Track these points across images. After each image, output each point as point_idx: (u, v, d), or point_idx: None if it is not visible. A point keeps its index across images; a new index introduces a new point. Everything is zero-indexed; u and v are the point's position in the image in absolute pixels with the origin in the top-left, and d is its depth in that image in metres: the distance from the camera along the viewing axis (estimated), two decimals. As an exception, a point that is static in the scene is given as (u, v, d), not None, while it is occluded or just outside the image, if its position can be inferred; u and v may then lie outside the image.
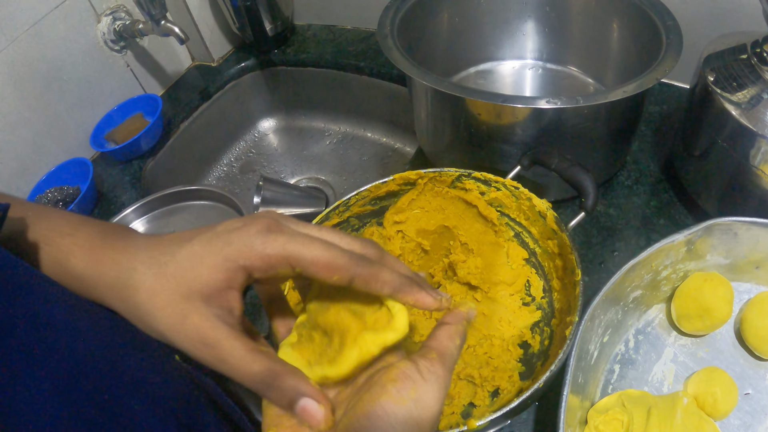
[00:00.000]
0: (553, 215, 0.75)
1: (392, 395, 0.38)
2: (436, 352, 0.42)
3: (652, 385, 0.74)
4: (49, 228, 0.48)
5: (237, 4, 1.32)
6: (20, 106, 1.12)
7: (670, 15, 0.87)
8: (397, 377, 0.39)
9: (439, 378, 0.40)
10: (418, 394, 0.39)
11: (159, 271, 0.42)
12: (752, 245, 0.75)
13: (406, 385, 0.39)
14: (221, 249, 0.41)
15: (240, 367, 0.40)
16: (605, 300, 0.70)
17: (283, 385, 0.40)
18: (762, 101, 0.73)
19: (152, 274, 0.42)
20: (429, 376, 0.40)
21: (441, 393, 0.40)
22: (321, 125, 1.58)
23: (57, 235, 0.48)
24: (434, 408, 0.39)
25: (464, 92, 0.82)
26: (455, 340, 0.44)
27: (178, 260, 0.42)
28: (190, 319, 0.40)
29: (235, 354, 0.40)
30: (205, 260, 0.41)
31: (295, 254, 0.40)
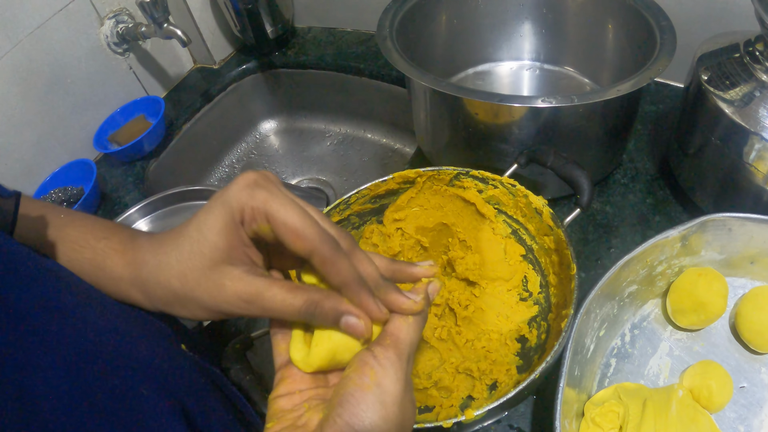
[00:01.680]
0: (549, 212, 0.76)
1: (356, 382, 0.41)
2: (390, 337, 0.44)
3: (648, 378, 0.74)
4: (85, 231, 0.52)
5: (238, 7, 1.34)
6: (24, 108, 1.13)
7: (664, 15, 0.88)
8: (358, 366, 0.42)
9: (393, 363, 0.42)
10: (378, 379, 0.41)
11: (180, 255, 0.46)
12: (746, 240, 0.75)
13: (366, 371, 0.41)
14: (220, 211, 0.44)
15: (285, 308, 0.44)
16: (601, 295, 0.71)
17: (324, 310, 0.43)
18: (754, 99, 0.74)
19: (176, 260, 0.46)
20: (384, 362, 0.42)
21: (398, 375, 0.42)
22: (321, 126, 1.59)
23: (93, 239, 0.51)
24: (395, 389, 0.42)
25: (462, 92, 0.83)
26: (407, 319, 0.45)
27: (191, 235, 0.45)
28: (226, 286, 0.44)
29: (276, 299, 0.44)
30: (212, 227, 0.44)
31: (272, 211, 0.42)
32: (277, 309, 0.44)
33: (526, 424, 0.74)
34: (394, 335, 0.44)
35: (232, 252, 0.45)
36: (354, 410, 0.40)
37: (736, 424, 0.70)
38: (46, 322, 0.40)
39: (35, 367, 0.37)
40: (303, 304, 0.44)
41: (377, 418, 0.40)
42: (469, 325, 0.80)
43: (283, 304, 0.44)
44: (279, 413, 0.45)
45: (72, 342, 0.40)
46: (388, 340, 0.44)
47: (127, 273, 0.50)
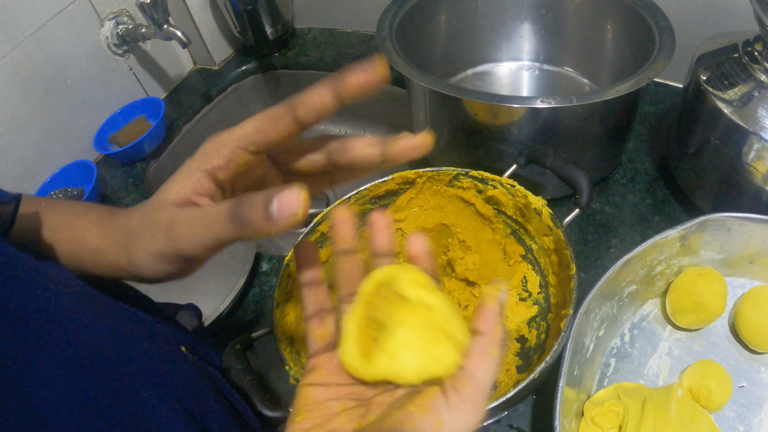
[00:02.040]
0: (548, 212, 0.76)
1: (416, 426, 0.36)
2: (468, 378, 0.38)
3: (648, 378, 0.75)
4: (65, 212, 0.52)
5: (238, 9, 1.34)
6: (24, 109, 1.13)
7: (663, 16, 0.89)
8: (426, 408, 0.37)
9: (466, 415, 0.37)
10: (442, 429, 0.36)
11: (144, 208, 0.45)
12: (745, 240, 0.76)
13: (432, 419, 0.36)
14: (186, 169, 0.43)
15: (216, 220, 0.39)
16: (600, 294, 0.71)
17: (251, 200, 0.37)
18: (753, 99, 0.74)
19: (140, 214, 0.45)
20: (456, 414, 0.36)
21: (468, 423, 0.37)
22: (321, 127, 1.58)
23: (72, 217, 0.51)
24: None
25: (462, 93, 0.84)
26: (491, 353, 0.38)
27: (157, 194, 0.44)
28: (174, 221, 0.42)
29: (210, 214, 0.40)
30: (175, 181, 0.43)
31: (241, 136, 0.42)
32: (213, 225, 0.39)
33: (525, 423, 0.74)
34: (474, 376, 0.38)
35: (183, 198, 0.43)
36: None
37: (736, 424, 0.70)
38: (47, 327, 0.40)
39: (37, 372, 0.37)
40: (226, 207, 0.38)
41: None
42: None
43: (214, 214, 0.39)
44: (309, 405, 0.41)
45: (73, 346, 0.40)
46: (467, 385, 0.37)
47: (105, 242, 0.48)
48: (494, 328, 0.39)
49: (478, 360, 0.38)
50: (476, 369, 0.38)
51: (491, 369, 0.38)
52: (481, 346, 0.38)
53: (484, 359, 0.38)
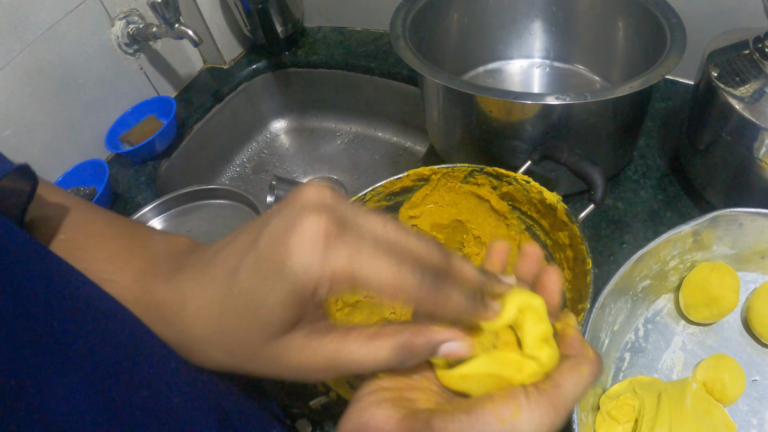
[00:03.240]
0: (563, 207, 0.76)
1: (497, 408, 0.36)
2: (551, 382, 0.38)
3: (662, 372, 0.75)
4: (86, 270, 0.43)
5: (249, 8, 1.34)
6: (36, 108, 1.14)
7: (674, 13, 0.89)
8: (507, 394, 0.37)
9: (543, 413, 0.36)
10: (519, 421, 0.36)
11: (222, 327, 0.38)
12: (757, 235, 0.76)
13: (512, 404, 0.36)
14: (283, 288, 0.34)
15: (371, 364, 0.37)
16: (615, 290, 0.71)
17: (419, 349, 0.37)
18: (764, 95, 0.74)
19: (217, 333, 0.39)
20: (534, 407, 0.36)
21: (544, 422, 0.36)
22: (332, 125, 1.60)
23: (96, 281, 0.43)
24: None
25: (476, 90, 0.84)
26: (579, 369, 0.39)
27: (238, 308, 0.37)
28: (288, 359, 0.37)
29: (358, 357, 0.37)
30: (266, 301, 0.35)
31: (361, 276, 0.34)
32: (362, 368, 0.37)
33: (541, 417, 0.74)
34: (557, 382, 0.38)
35: (294, 324, 0.37)
36: (478, 428, 0.35)
37: (749, 417, 0.70)
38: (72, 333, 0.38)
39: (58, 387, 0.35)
40: (392, 352, 0.36)
41: None
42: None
43: (367, 360, 0.36)
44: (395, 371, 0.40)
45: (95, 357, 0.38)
46: (549, 385, 0.38)
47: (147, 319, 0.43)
48: (582, 350, 0.40)
49: (564, 372, 0.39)
50: (561, 379, 0.38)
51: (577, 383, 0.38)
52: (570, 363, 0.39)
53: (571, 372, 0.39)
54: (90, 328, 0.39)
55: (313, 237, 0.33)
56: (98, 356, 0.39)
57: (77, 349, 0.38)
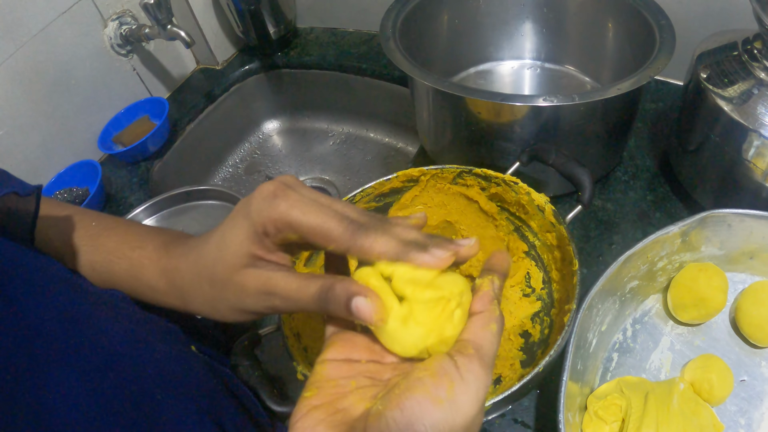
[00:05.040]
0: (551, 209, 0.77)
1: (429, 391, 0.35)
2: (472, 345, 0.38)
3: (650, 372, 0.75)
4: (119, 241, 0.53)
5: (241, 9, 1.34)
6: (29, 109, 1.14)
7: (663, 14, 0.89)
8: (435, 371, 0.36)
9: (478, 378, 0.36)
10: (456, 395, 0.35)
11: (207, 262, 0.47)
12: (746, 236, 0.76)
13: (443, 382, 0.35)
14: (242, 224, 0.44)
15: (301, 296, 0.42)
16: (603, 290, 0.72)
17: (336, 293, 0.40)
18: (753, 97, 0.75)
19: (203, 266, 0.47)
20: (467, 375, 0.36)
21: (479, 394, 0.36)
22: (324, 126, 1.60)
23: (128, 249, 0.53)
24: (470, 411, 0.35)
25: (465, 92, 0.84)
26: (490, 327, 0.39)
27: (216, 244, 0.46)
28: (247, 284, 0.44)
29: (292, 287, 0.43)
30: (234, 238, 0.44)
31: (295, 220, 0.42)
32: (293, 297, 0.42)
33: (530, 418, 0.75)
34: (477, 344, 0.38)
35: (254, 259, 0.44)
36: (414, 421, 0.34)
37: (737, 417, 0.71)
38: (63, 333, 0.40)
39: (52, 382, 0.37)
40: (317, 290, 0.41)
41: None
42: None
43: (298, 293, 0.42)
44: (322, 382, 0.40)
45: (88, 352, 0.41)
46: (472, 349, 0.37)
47: (163, 282, 0.51)
48: (490, 307, 0.40)
49: (477, 331, 0.39)
50: (477, 338, 0.38)
51: (492, 340, 0.39)
52: (478, 320, 0.40)
53: (484, 330, 0.39)
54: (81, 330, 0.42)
55: (265, 193, 0.43)
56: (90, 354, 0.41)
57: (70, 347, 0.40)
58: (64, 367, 0.39)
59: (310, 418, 0.38)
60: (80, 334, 0.41)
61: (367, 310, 0.38)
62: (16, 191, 0.47)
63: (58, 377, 0.38)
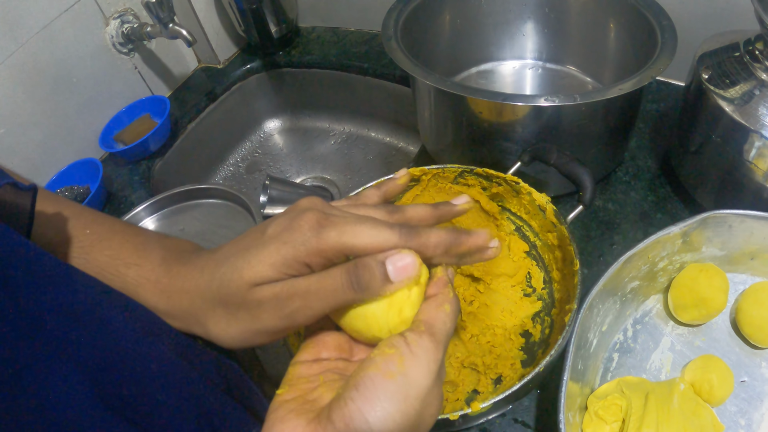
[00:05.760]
0: (552, 209, 0.77)
1: (380, 367, 0.37)
2: (424, 324, 0.40)
3: (650, 372, 0.75)
4: (113, 256, 0.52)
5: (243, 7, 1.35)
6: (30, 107, 1.14)
7: (665, 15, 0.89)
8: (385, 350, 0.38)
9: (428, 351, 0.39)
10: (406, 368, 0.37)
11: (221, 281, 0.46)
12: (747, 237, 0.76)
13: (394, 358, 0.38)
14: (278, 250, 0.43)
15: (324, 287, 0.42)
16: (603, 290, 0.72)
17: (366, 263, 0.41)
18: (754, 98, 0.75)
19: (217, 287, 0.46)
20: (417, 350, 0.38)
21: (431, 366, 0.38)
22: (326, 125, 1.60)
23: (122, 265, 0.52)
24: (423, 383, 0.38)
25: (466, 91, 0.84)
26: (443, 307, 0.42)
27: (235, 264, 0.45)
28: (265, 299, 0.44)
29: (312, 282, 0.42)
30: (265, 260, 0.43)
31: (349, 245, 0.42)
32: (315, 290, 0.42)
33: (530, 417, 0.75)
34: (429, 323, 0.40)
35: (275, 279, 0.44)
36: (370, 396, 0.36)
37: (737, 418, 0.70)
38: (65, 329, 0.40)
39: (54, 377, 0.37)
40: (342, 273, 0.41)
41: (394, 411, 0.36)
42: (473, 320, 0.81)
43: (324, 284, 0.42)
44: (293, 380, 0.42)
45: (90, 348, 0.41)
46: (423, 326, 0.40)
47: (163, 303, 0.50)
48: (443, 290, 0.43)
49: (430, 311, 0.42)
50: (429, 318, 0.41)
51: (444, 319, 0.41)
52: (432, 302, 0.42)
53: (437, 310, 0.42)
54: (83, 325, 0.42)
55: (311, 223, 0.43)
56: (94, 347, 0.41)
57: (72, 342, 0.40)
58: (65, 362, 0.38)
59: (282, 409, 0.40)
60: (82, 329, 0.41)
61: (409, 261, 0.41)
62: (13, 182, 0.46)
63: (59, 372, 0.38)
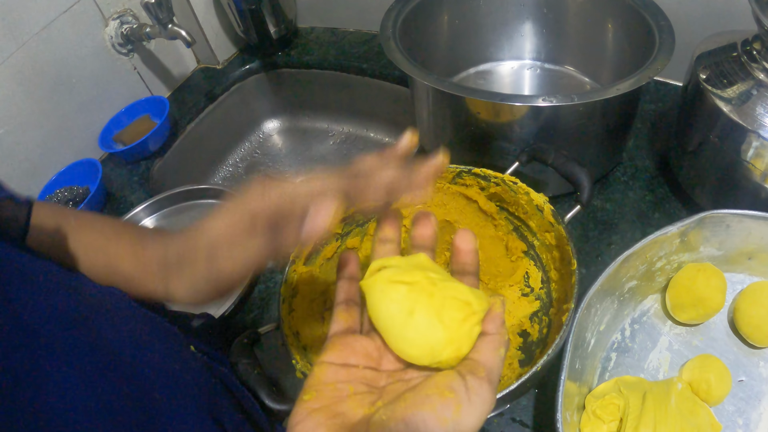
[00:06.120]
0: (550, 208, 0.77)
1: (435, 410, 0.35)
2: (484, 368, 0.38)
3: (648, 372, 0.76)
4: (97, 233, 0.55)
5: (242, 8, 1.35)
6: (30, 108, 1.14)
7: (663, 15, 0.89)
8: (445, 392, 0.36)
9: (485, 402, 0.37)
10: (461, 417, 0.36)
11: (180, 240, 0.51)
12: (744, 237, 0.76)
13: (451, 403, 0.36)
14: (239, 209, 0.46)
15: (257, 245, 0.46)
16: (601, 290, 0.72)
17: None
18: (752, 98, 0.75)
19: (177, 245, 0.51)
20: (475, 399, 0.37)
21: (483, 417, 0.37)
22: (324, 126, 1.60)
23: (104, 240, 0.55)
24: (472, 429, 0.36)
25: (464, 92, 0.85)
26: (499, 352, 0.40)
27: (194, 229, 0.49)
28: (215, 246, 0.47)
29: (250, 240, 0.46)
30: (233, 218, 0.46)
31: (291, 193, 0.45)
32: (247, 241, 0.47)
33: (528, 416, 0.75)
34: (489, 368, 0.39)
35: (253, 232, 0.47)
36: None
37: (735, 417, 0.71)
38: (61, 335, 0.41)
39: (52, 382, 0.38)
40: None
41: None
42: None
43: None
44: (319, 384, 0.41)
45: (86, 353, 0.41)
46: (483, 372, 0.38)
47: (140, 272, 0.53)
48: (500, 329, 0.41)
49: (487, 353, 0.40)
50: (488, 361, 0.39)
51: (500, 365, 0.40)
52: (490, 342, 0.40)
53: (494, 353, 0.40)
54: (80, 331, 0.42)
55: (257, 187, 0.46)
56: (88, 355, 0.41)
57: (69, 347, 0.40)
58: (63, 367, 0.39)
59: (310, 420, 0.38)
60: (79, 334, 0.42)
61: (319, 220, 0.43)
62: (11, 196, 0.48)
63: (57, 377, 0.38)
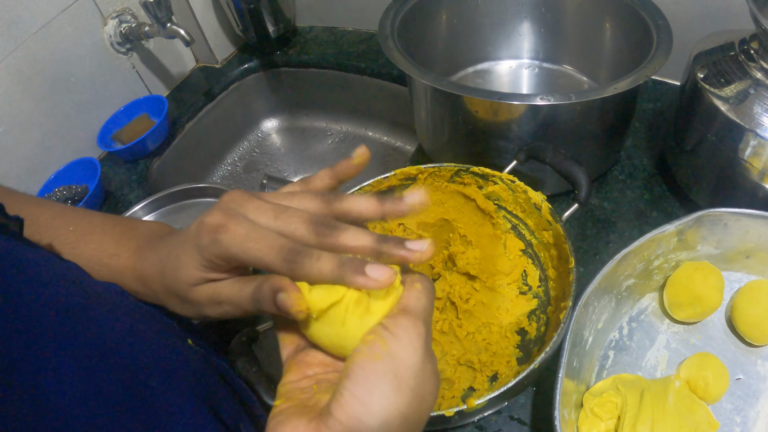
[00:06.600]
0: (547, 207, 0.77)
1: (365, 353, 0.39)
2: (398, 307, 0.41)
3: (646, 370, 0.76)
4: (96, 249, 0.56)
5: (240, 7, 1.35)
6: (28, 107, 1.14)
7: (660, 14, 0.90)
8: (367, 338, 0.40)
9: (407, 329, 0.40)
10: (390, 348, 0.39)
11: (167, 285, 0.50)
12: (742, 235, 0.77)
13: (376, 341, 0.39)
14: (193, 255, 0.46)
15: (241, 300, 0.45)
16: (599, 288, 0.72)
17: (263, 291, 0.42)
18: (749, 97, 0.75)
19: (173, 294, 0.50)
20: (396, 330, 0.39)
21: (414, 343, 0.39)
22: (323, 125, 1.60)
23: (105, 257, 0.55)
24: (411, 359, 0.39)
25: (462, 90, 0.85)
26: (414, 286, 0.43)
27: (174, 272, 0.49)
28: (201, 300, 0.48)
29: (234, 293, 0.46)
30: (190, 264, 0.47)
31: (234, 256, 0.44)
32: (236, 301, 0.46)
33: (526, 414, 0.75)
34: (403, 304, 0.42)
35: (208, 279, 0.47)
36: (362, 381, 0.38)
37: (733, 415, 0.71)
38: (58, 324, 0.41)
39: (48, 368, 0.38)
40: (251, 290, 0.44)
41: (388, 390, 0.37)
42: (470, 318, 0.81)
43: (239, 296, 0.45)
44: (287, 394, 0.43)
45: (83, 341, 0.42)
46: (397, 310, 0.41)
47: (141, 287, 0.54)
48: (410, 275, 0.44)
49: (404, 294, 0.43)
50: (404, 300, 0.42)
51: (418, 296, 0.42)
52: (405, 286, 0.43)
53: (409, 291, 0.42)
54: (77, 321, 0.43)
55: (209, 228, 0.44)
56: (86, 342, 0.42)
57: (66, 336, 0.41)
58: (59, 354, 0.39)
59: (281, 414, 0.40)
60: (76, 325, 0.42)
61: (288, 303, 0.40)
62: None
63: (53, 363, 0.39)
